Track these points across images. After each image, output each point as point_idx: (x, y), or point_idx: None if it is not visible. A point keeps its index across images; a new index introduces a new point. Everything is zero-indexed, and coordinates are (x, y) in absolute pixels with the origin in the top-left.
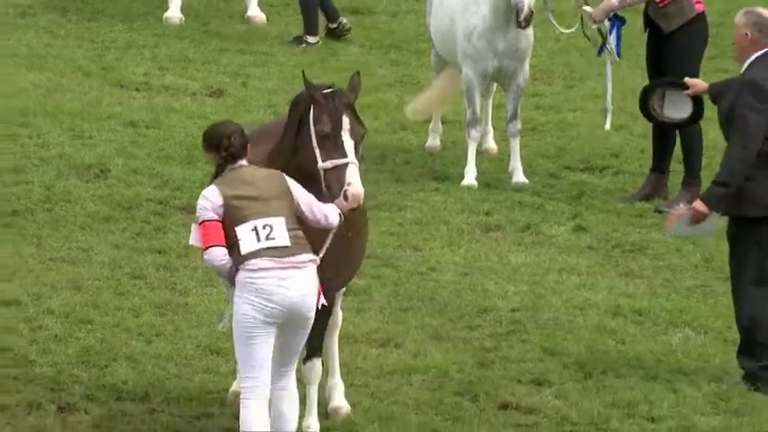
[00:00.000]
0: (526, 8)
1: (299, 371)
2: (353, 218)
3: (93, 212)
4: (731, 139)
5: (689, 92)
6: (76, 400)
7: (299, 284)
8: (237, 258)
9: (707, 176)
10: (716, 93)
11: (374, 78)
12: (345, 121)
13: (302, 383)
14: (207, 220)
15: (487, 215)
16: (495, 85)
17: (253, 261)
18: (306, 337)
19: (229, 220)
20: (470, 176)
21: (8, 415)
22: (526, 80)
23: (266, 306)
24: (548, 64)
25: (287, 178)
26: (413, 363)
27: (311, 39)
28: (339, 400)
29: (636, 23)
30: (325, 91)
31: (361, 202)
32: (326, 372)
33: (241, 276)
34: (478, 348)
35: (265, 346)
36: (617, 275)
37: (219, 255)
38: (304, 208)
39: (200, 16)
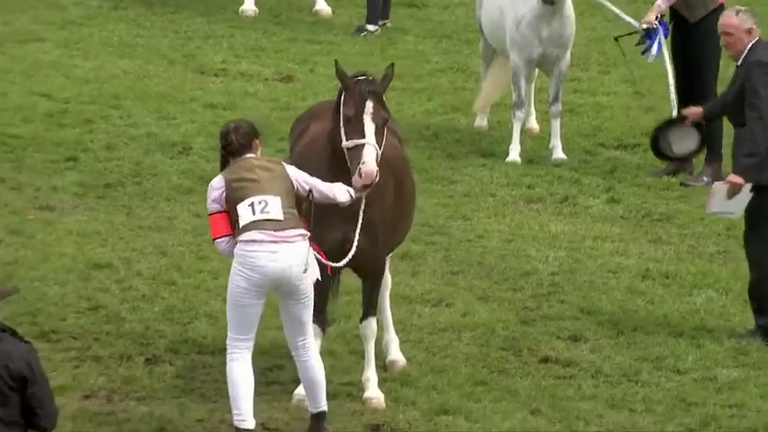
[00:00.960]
0: None
1: (356, 328)
2: (403, 192)
3: (176, 185)
4: (749, 115)
5: (688, 122)
6: (162, 353)
7: (287, 257)
8: (238, 232)
9: (727, 154)
10: (712, 109)
11: (428, 65)
12: (369, 105)
13: (361, 339)
14: (212, 213)
15: (530, 188)
16: (537, 70)
17: (247, 234)
18: (309, 309)
19: (232, 202)
20: (514, 153)
21: (102, 366)
22: (568, 66)
23: (255, 277)
24: (585, 51)
25: (286, 165)
26: (462, 321)
27: (371, 27)
28: (395, 354)
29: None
30: (356, 79)
31: (375, 180)
32: (382, 328)
33: (237, 249)
34: (521, 308)
35: (253, 311)
36: (646, 242)
37: (222, 245)
38: (306, 187)
39: (272, 9)
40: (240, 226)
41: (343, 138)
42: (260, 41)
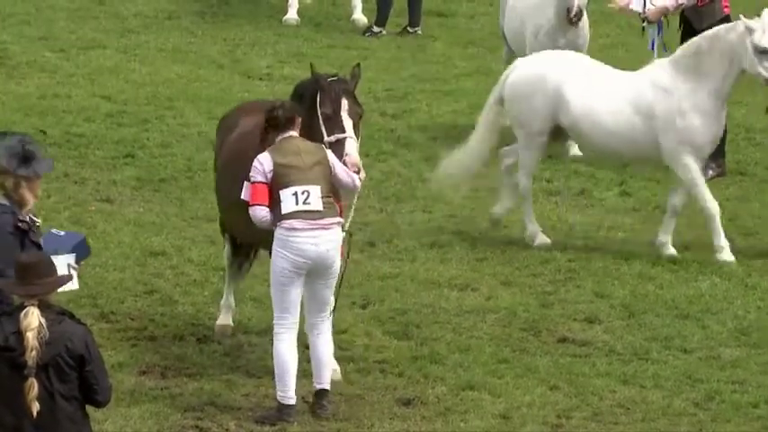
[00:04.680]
0: (575, 6)
1: (390, 311)
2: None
3: None
4: None
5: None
6: (212, 334)
7: (325, 242)
8: (278, 216)
9: (730, 150)
10: None
11: (455, 69)
12: (345, 103)
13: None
14: (256, 182)
15: (549, 182)
16: None
17: (288, 221)
18: (332, 289)
19: (276, 183)
20: None
21: (157, 344)
22: None
23: (297, 260)
24: (599, 58)
25: (327, 151)
26: (487, 304)
27: (376, 29)
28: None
29: (672, 23)
30: (329, 79)
31: (360, 169)
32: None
33: (278, 233)
34: (541, 292)
35: (295, 291)
36: (656, 232)
37: (261, 213)
38: (339, 173)
39: (312, 18)
40: (283, 212)
41: (325, 134)
42: (302, 48)
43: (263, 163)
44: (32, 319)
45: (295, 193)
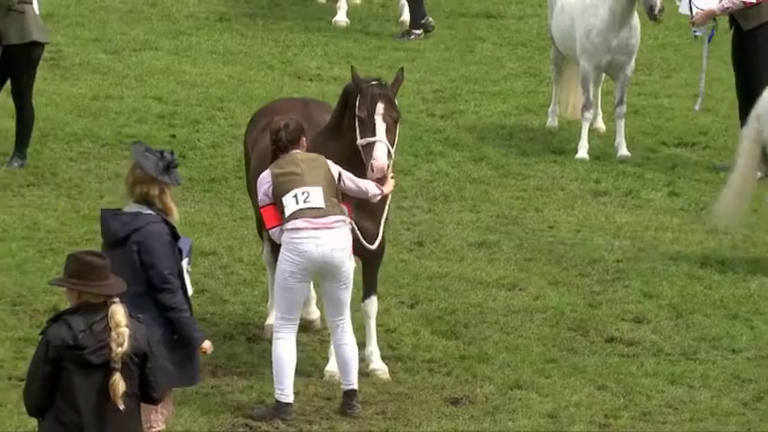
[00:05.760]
0: (659, 3)
1: (438, 310)
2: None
3: None
4: None
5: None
6: (261, 333)
7: (329, 242)
8: (284, 221)
9: None
10: None
11: (504, 70)
12: (380, 107)
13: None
14: (263, 206)
15: (597, 182)
16: (604, 75)
17: (292, 222)
18: (348, 291)
19: (277, 193)
20: (583, 151)
21: None
22: (633, 71)
23: (301, 262)
24: (648, 57)
25: (328, 160)
26: (534, 303)
27: (416, 31)
28: (377, 363)
29: (722, 24)
30: (369, 83)
31: (386, 174)
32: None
33: (284, 237)
34: (589, 292)
35: (299, 293)
36: (704, 232)
37: (277, 232)
38: (347, 182)
39: (362, 20)
40: (286, 216)
41: (358, 136)
42: (351, 49)
43: (263, 181)
44: (123, 317)
45: (295, 195)
